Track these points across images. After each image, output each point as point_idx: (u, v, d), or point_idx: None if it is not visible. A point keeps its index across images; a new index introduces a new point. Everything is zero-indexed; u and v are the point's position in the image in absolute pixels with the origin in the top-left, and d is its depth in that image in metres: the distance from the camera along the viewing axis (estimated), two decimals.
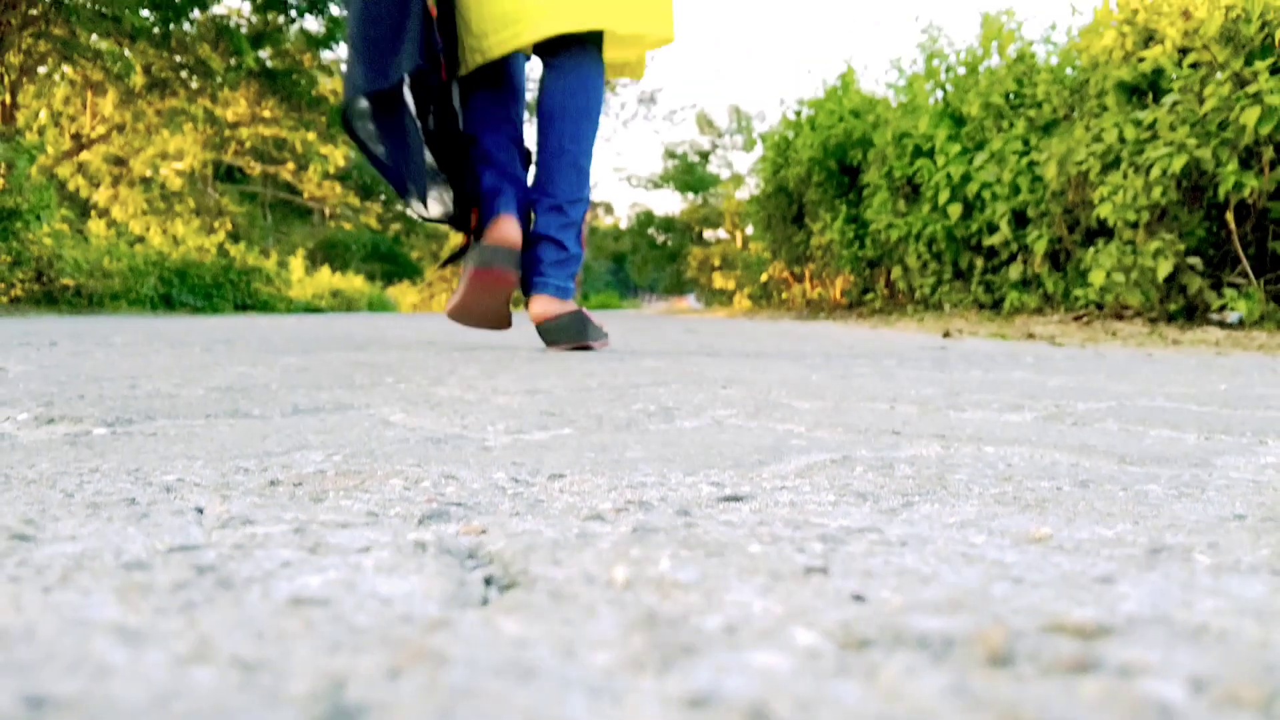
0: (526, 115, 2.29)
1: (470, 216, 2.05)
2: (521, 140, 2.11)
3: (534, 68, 2.24)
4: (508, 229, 1.94)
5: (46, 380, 1.11)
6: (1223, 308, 3.36)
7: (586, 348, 1.95)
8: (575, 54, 1.94)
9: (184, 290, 9.21)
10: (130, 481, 0.52)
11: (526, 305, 2.02)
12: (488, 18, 1.93)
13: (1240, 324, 3.20)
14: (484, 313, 2.03)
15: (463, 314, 2.03)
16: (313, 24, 12.52)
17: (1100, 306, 3.99)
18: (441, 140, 1.95)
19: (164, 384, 1.08)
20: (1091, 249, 3.89)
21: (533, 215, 2.04)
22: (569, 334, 1.92)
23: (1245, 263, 3.37)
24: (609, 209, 37.63)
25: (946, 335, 3.34)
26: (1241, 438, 0.79)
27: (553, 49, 1.98)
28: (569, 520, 0.44)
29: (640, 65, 2.14)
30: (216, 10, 11.85)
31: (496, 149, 2.04)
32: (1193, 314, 3.54)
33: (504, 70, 2.12)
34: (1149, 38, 3.79)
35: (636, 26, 1.94)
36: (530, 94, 2.38)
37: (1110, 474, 0.60)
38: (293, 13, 12.22)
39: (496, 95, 2.12)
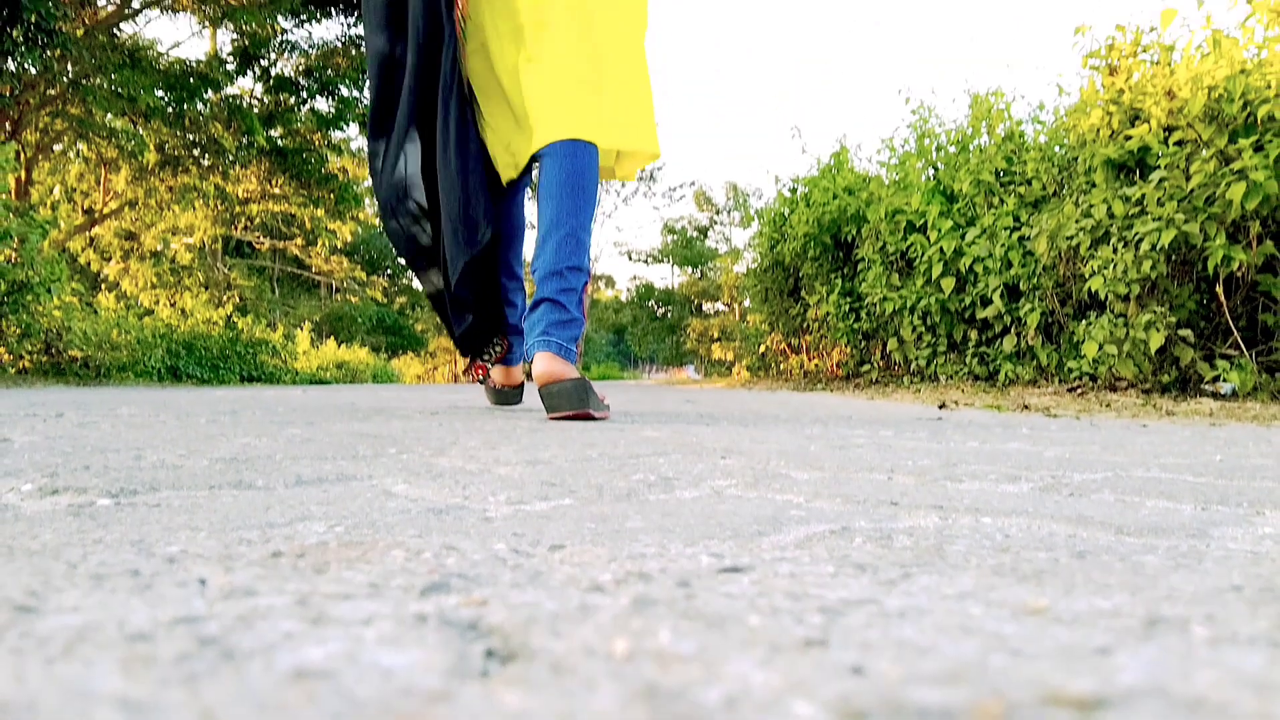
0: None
1: (488, 349, 2.44)
2: (524, 289, 2.41)
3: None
4: (517, 377, 2.44)
5: (52, 451, 1.12)
6: (1216, 379, 3.37)
7: (588, 416, 1.95)
8: (571, 142, 2.05)
9: (191, 362, 9.27)
10: (134, 553, 0.53)
11: (529, 368, 2.07)
12: (509, 143, 2.20)
13: (1234, 395, 3.21)
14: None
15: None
16: (323, 105, 12.84)
17: (1094, 378, 4.00)
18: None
19: (169, 455, 1.08)
20: (1083, 321, 3.92)
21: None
22: (572, 400, 1.91)
23: (1236, 335, 3.40)
24: (610, 282, 38.03)
25: (943, 406, 3.34)
26: (1238, 508, 0.79)
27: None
28: (569, 592, 0.44)
29: (632, 172, 2.29)
30: (229, 91, 12.18)
31: (508, 304, 2.37)
32: (1186, 385, 3.55)
33: (508, 205, 2.36)
34: (1135, 117, 3.89)
35: (631, 144, 2.12)
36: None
37: (1107, 545, 0.61)
38: (304, 94, 12.56)
39: (503, 240, 2.36)
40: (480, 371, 2.52)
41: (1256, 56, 3.51)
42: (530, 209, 12.97)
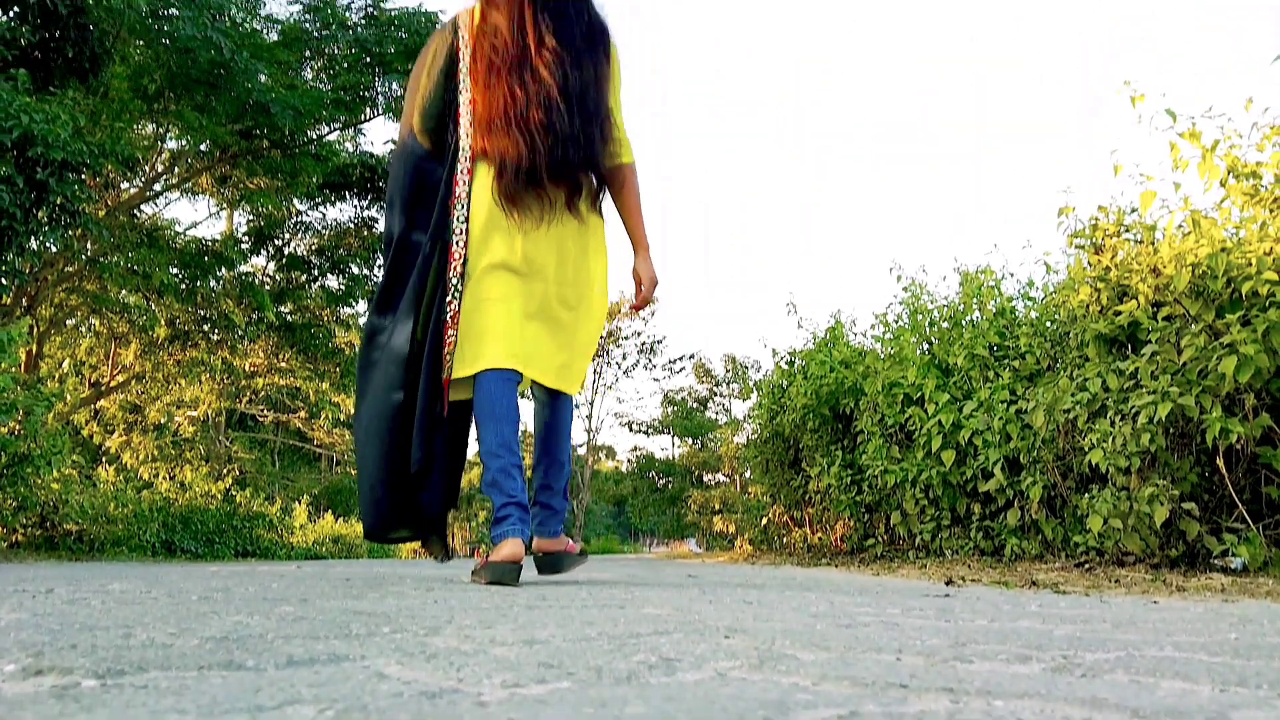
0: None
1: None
2: (522, 466, 2.61)
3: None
4: (515, 550, 2.46)
5: (38, 629, 1.09)
6: (1224, 553, 3.31)
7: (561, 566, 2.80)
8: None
9: (186, 537, 9.13)
10: None
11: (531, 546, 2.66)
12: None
13: (1244, 570, 3.14)
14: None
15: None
16: (333, 282, 13.27)
17: (1100, 552, 3.93)
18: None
19: (158, 633, 1.06)
20: (1086, 495, 3.90)
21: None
22: (556, 561, 2.79)
23: (1241, 508, 3.36)
24: (610, 453, 37.94)
25: (949, 582, 3.27)
26: (1258, 690, 0.77)
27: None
28: None
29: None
30: (242, 268, 12.64)
31: (504, 477, 2.53)
32: (1195, 559, 3.48)
33: (509, 393, 2.76)
34: (1123, 293, 4.02)
35: (572, 390, 2.74)
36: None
37: None
38: (315, 272, 13.02)
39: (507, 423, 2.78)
40: (479, 557, 2.79)
41: (1235, 235, 3.68)
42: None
